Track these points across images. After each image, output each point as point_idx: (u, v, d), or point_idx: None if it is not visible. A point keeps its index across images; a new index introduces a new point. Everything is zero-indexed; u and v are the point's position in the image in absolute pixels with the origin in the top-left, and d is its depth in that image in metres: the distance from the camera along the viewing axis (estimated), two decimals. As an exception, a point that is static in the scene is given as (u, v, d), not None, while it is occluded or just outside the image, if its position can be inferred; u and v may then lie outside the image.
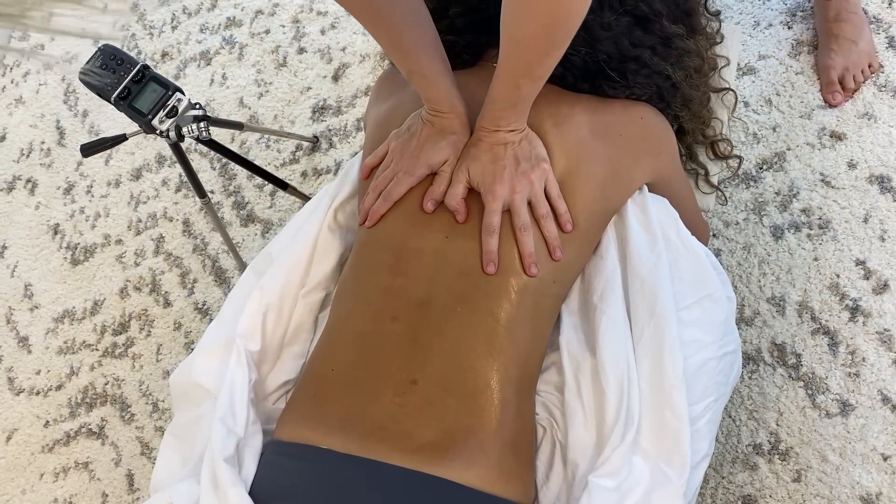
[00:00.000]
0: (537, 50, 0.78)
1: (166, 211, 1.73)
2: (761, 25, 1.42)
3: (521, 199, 0.88)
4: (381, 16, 0.84)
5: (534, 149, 0.89)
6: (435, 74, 0.89)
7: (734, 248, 1.30)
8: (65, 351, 1.71)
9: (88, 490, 1.57)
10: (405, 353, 0.85)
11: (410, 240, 0.91)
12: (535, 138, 0.90)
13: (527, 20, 0.73)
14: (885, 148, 1.27)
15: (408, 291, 0.88)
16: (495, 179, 0.88)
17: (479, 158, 0.89)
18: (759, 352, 1.24)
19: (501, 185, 0.88)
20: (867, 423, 1.16)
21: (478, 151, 0.90)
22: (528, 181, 0.88)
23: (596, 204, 0.93)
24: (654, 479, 0.80)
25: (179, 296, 1.65)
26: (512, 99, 0.85)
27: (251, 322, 0.95)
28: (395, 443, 0.79)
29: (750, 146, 1.35)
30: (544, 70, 0.82)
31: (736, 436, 1.21)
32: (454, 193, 0.89)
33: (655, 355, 0.86)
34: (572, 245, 0.92)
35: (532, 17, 0.73)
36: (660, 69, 0.97)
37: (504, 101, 0.85)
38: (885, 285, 1.21)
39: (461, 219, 0.89)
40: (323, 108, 1.67)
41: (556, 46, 0.78)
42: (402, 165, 0.93)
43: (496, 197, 0.87)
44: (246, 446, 0.86)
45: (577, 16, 0.73)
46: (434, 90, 0.90)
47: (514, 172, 0.88)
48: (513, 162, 0.88)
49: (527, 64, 0.80)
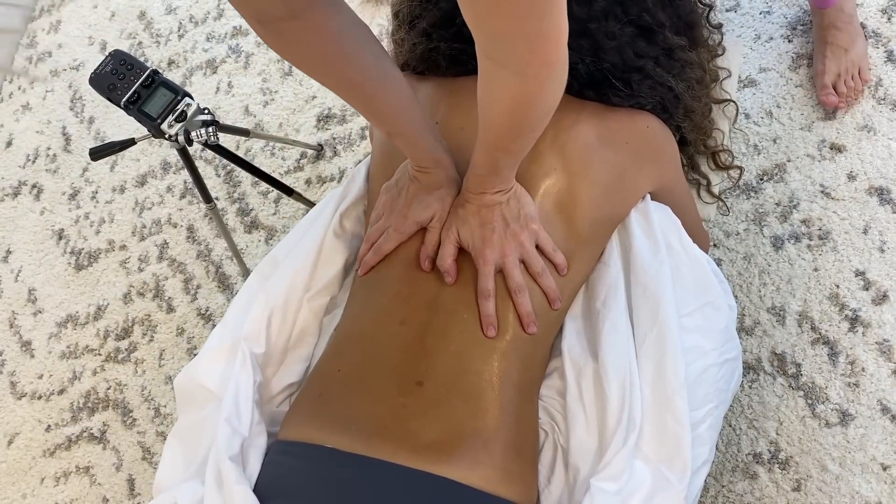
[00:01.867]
0: (509, 132, 0.77)
1: (171, 217, 1.75)
2: (762, 38, 1.43)
3: (512, 262, 0.87)
4: (354, 84, 0.83)
5: (522, 207, 0.88)
6: (415, 134, 0.88)
7: (735, 258, 1.31)
8: (67, 355, 1.71)
9: (89, 495, 1.58)
10: (412, 356, 0.86)
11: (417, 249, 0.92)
12: (524, 195, 0.89)
13: (495, 103, 0.73)
14: (885, 160, 1.29)
15: (416, 297, 0.89)
16: (485, 243, 0.87)
17: (468, 221, 0.88)
18: (759, 361, 1.24)
19: (491, 250, 0.87)
20: (867, 433, 1.16)
21: (466, 213, 0.89)
22: (517, 242, 0.87)
23: (600, 210, 0.93)
24: (655, 484, 0.81)
25: (182, 301, 1.66)
26: (491, 167, 0.84)
27: (256, 325, 0.96)
28: (399, 442, 0.80)
29: (751, 157, 1.36)
30: (520, 147, 0.81)
31: (736, 444, 1.21)
32: (445, 254, 0.88)
33: (657, 361, 0.87)
34: (576, 256, 0.93)
35: (498, 101, 0.72)
36: (663, 80, 0.98)
37: (484, 169, 0.84)
38: (885, 296, 1.22)
39: (451, 281, 0.88)
40: (328, 116, 1.69)
41: (524, 130, 0.77)
42: (392, 222, 0.93)
43: (487, 261, 0.87)
44: (250, 446, 0.87)
45: (541, 105, 0.72)
46: (416, 149, 0.89)
47: (504, 234, 0.87)
48: (501, 224, 0.87)
49: (501, 141, 0.79)
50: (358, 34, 0.81)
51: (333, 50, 0.79)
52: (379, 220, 0.95)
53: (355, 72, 0.82)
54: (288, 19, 0.74)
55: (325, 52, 0.79)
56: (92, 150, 1.16)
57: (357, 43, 0.81)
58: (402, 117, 0.87)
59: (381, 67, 0.84)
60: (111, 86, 1.13)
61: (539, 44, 0.62)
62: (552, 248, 0.90)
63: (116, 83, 1.13)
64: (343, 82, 0.84)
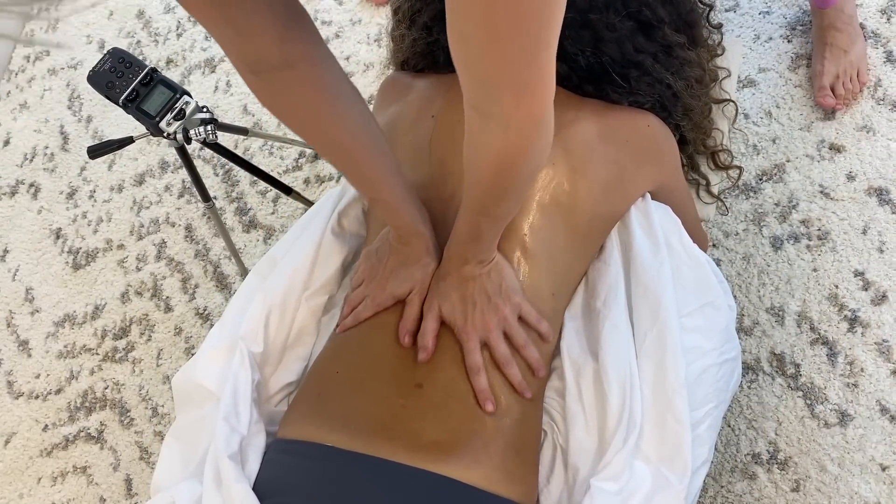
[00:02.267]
0: (492, 192, 0.76)
1: (169, 216, 1.74)
2: (761, 39, 1.43)
3: (496, 336, 0.85)
4: (341, 144, 0.82)
5: (504, 280, 0.87)
6: (398, 202, 0.87)
7: (734, 259, 1.31)
8: (65, 355, 1.71)
9: (86, 494, 1.57)
10: (412, 358, 0.86)
11: None
12: (505, 267, 0.88)
13: (480, 159, 0.72)
14: (884, 160, 1.29)
15: None
16: (466, 319, 0.85)
17: (449, 296, 0.87)
18: (758, 361, 1.24)
19: (474, 326, 0.85)
20: (866, 434, 1.16)
21: (447, 287, 0.87)
22: (500, 317, 0.86)
23: (599, 207, 0.93)
24: (655, 483, 0.80)
25: (180, 301, 1.66)
26: (474, 234, 0.82)
27: (254, 324, 0.95)
28: (399, 441, 0.80)
29: (750, 157, 1.36)
30: (503, 211, 0.80)
31: (735, 445, 1.21)
32: (427, 330, 0.86)
33: (658, 360, 0.86)
34: (573, 248, 0.93)
35: (483, 156, 0.71)
36: (661, 77, 0.98)
37: (467, 236, 0.83)
38: (884, 296, 1.22)
39: (424, 357, 0.85)
40: (326, 115, 1.68)
41: (508, 189, 0.76)
42: (370, 291, 0.92)
43: (470, 337, 0.85)
44: (249, 445, 0.86)
45: (526, 162, 0.71)
46: (397, 218, 0.88)
47: (486, 309, 0.85)
48: (483, 298, 0.85)
49: (484, 204, 0.78)
50: (350, 92, 0.81)
51: (325, 105, 0.78)
52: (359, 286, 0.94)
53: (344, 130, 0.81)
54: (282, 69, 0.74)
55: (317, 105, 0.78)
56: (90, 148, 1.16)
57: (349, 101, 0.80)
58: (386, 184, 0.85)
59: (369, 129, 0.83)
60: (109, 84, 1.13)
61: (525, 94, 0.62)
62: (536, 319, 0.88)
63: (115, 81, 1.13)
64: (331, 140, 0.82)
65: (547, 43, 0.58)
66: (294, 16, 0.72)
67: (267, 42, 0.70)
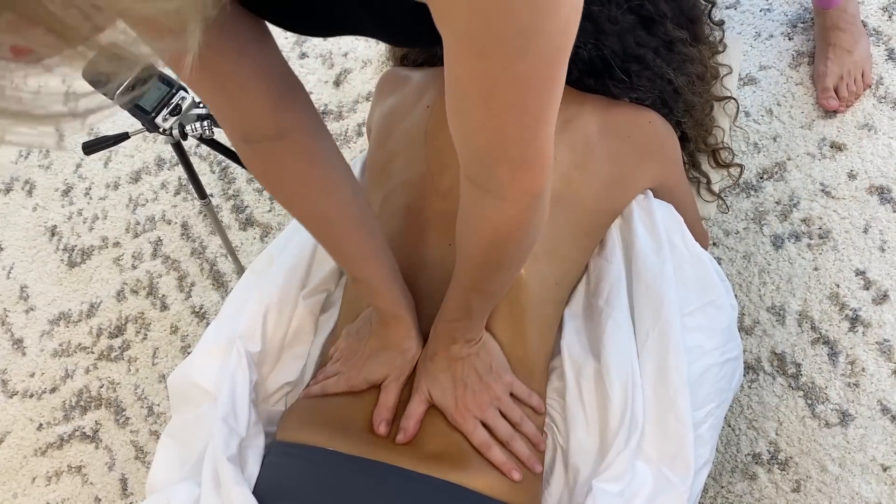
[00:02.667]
0: (485, 267, 0.74)
1: (165, 214, 1.73)
2: (762, 36, 1.42)
3: (492, 414, 0.82)
4: (329, 218, 0.81)
5: (493, 360, 0.85)
6: (380, 283, 0.84)
7: (734, 257, 1.30)
8: (60, 353, 1.69)
9: (81, 494, 1.56)
10: None
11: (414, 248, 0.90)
12: (493, 345, 0.86)
13: (473, 232, 0.70)
14: (885, 159, 1.28)
15: None
16: (457, 402, 0.82)
17: (439, 379, 0.83)
18: (758, 361, 1.24)
19: (467, 408, 0.82)
20: (867, 434, 1.15)
21: (435, 370, 0.83)
22: (493, 396, 0.83)
23: (600, 203, 0.92)
24: (657, 485, 0.80)
25: (177, 299, 1.65)
26: (464, 311, 0.80)
27: (251, 323, 0.94)
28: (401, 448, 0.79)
29: (751, 156, 1.35)
30: (496, 288, 0.78)
31: (735, 445, 1.20)
32: (412, 413, 0.82)
33: (660, 360, 0.86)
34: (576, 240, 0.92)
35: (477, 229, 0.69)
36: (662, 73, 0.98)
37: (457, 313, 0.80)
38: (885, 296, 1.21)
39: (403, 439, 0.80)
40: (324, 113, 1.67)
41: (502, 264, 0.74)
42: (344, 370, 0.88)
43: (466, 419, 0.81)
44: (249, 446, 0.85)
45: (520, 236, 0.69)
46: (379, 299, 0.85)
47: (478, 389, 0.82)
48: (475, 379, 0.83)
49: (476, 279, 0.76)
50: (341, 165, 0.80)
51: (316, 176, 0.77)
52: (336, 363, 0.91)
53: (332, 204, 0.80)
54: (276, 139, 0.73)
55: (308, 176, 0.77)
56: (85, 144, 1.14)
57: (339, 174, 0.79)
58: (370, 262, 0.83)
59: (357, 205, 0.82)
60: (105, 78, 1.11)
61: (523, 170, 0.60)
62: (527, 394, 0.86)
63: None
64: (318, 213, 0.81)
65: (547, 120, 0.57)
66: (288, 86, 0.73)
67: (261, 111, 0.71)
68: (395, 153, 0.98)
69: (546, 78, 0.52)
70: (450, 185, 0.92)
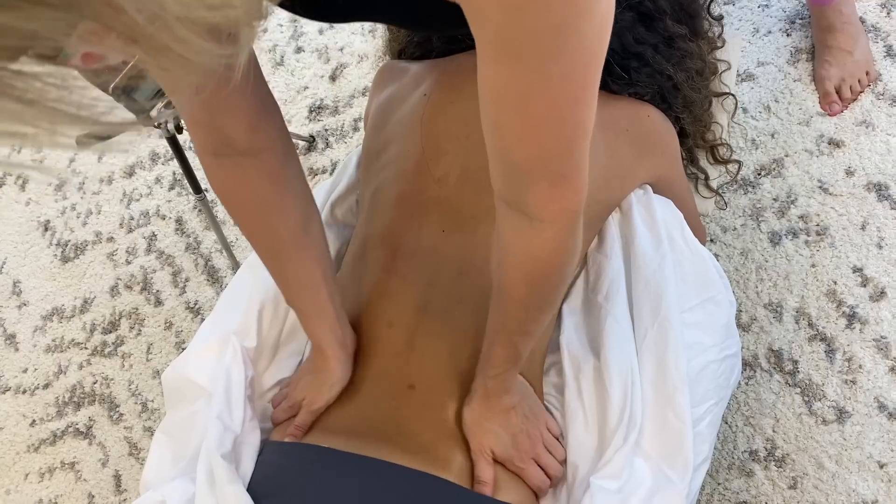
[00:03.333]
0: (527, 302, 0.72)
1: (159, 209, 1.72)
2: (760, 32, 1.42)
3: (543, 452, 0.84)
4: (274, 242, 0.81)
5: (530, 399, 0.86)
6: (312, 313, 0.85)
7: (732, 254, 1.30)
8: (53, 349, 1.68)
9: (74, 491, 1.55)
10: (402, 359, 0.84)
11: (406, 234, 0.90)
12: (526, 385, 0.86)
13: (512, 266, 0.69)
14: (883, 156, 1.28)
15: (404, 294, 0.87)
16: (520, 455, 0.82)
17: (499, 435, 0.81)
18: (756, 358, 1.23)
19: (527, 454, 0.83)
20: (863, 431, 1.15)
21: (490, 425, 0.81)
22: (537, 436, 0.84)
23: (599, 192, 0.91)
24: (656, 482, 0.79)
25: (171, 295, 1.63)
26: (512, 359, 0.78)
27: (247, 319, 0.94)
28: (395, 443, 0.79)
29: (748, 152, 1.35)
30: (540, 325, 0.77)
31: (732, 442, 1.20)
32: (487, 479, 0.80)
33: (659, 357, 0.85)
34: None
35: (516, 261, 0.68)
36: (661, 68, 0.97)
37: (505, 363, 0.78)
38: (882, 292, 1.21)
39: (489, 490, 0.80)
40: (320, 107, 1.66)
41: (545, 297, 0.72)
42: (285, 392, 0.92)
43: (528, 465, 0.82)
44: (243, 443, 0.85)
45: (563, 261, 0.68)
46: (310, 329, 0.86)
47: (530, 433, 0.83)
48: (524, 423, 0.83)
49: (519, 320, 0.74)
50: (303, 191, 0.81)
51: (274, 198, 0.79)
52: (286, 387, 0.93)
53: (283, 227, 0.80)
54: (246, 155, 0.74)
55: (266, 196, 0.78)
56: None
57: (299, 199, 0.81)
58: (307, 292, 0.84)
59: (310, 233, 0.83)
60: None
61: (562, 186, 0.59)
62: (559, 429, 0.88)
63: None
64: (268, 232, 0.81)
65: (585, 131, 0.56)
66: (266, 106, 0.74)
67: (238, 129, 0.72)
68: (391, 141, 0.97)
69: (582, 83, 0.51)
70: (445, 172, 0.91)
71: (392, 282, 0.88)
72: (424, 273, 0.88)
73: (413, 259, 0.89)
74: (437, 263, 0.88)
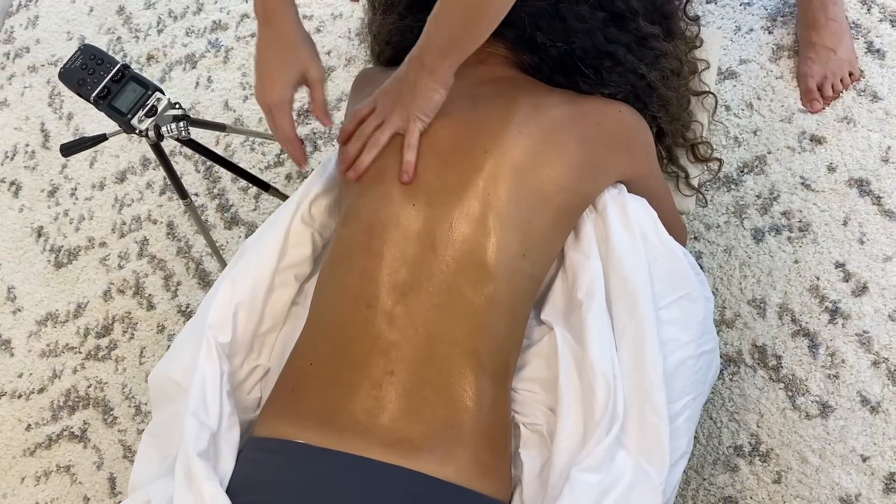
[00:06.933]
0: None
1: (150, 213, 1.73)
2: (742, 30, 1.43)
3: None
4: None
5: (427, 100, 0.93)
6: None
7: (715, 251, 1.31)
8: (47, 354, 1.70)
9: (70, 494, 1.56)
10: (381, 343, 0.84)
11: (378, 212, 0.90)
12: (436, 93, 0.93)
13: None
14: (864, 152, 1.29)
15: (381, 275, 0.87)
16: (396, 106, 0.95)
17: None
18: (739, 354, 1.24)
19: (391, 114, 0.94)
20: (847, 425, 1.16)
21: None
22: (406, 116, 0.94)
23: (571, 181, 0.92)
24: (634, 476, 0.80)
25: (163, 298, 1.65)
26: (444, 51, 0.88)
27: (221, 314, 0.94)
28: (372, 437, 0.79)
29: (731, 149, 1.36)
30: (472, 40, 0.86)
31: (717, 437, 1.21)
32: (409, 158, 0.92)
33: (636, 354, 0.86)
34: (545, 216, 0.91)
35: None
36: (634, 68, 0.98)
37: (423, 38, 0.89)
38: (865, 287, 1.22)
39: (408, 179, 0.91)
40: (307, 110, 1.67)
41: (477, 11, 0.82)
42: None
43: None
44: (222, 439, 0.85)
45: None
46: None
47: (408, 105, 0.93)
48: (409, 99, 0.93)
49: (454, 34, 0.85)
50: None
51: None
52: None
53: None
54: None
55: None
56: (63, 146, 1.14)
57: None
58: None
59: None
60: (81, 81, 1.12)
61: None
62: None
63: (86, 78, 1.11)
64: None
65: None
66: None
67: None
68: None
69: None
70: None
71: (369, 263, 0.88)
72: (399, 250, 0.88)
73: (388, 235, 0.89)
74: (410, 238, 0.88)
